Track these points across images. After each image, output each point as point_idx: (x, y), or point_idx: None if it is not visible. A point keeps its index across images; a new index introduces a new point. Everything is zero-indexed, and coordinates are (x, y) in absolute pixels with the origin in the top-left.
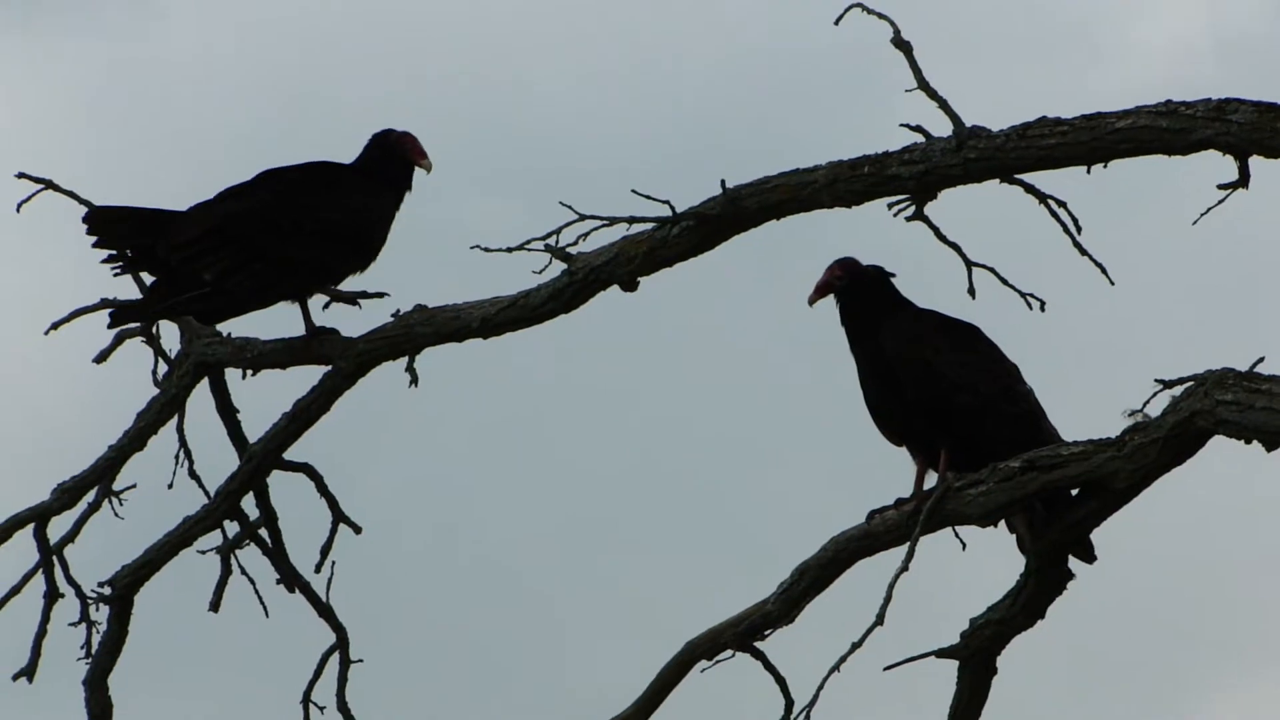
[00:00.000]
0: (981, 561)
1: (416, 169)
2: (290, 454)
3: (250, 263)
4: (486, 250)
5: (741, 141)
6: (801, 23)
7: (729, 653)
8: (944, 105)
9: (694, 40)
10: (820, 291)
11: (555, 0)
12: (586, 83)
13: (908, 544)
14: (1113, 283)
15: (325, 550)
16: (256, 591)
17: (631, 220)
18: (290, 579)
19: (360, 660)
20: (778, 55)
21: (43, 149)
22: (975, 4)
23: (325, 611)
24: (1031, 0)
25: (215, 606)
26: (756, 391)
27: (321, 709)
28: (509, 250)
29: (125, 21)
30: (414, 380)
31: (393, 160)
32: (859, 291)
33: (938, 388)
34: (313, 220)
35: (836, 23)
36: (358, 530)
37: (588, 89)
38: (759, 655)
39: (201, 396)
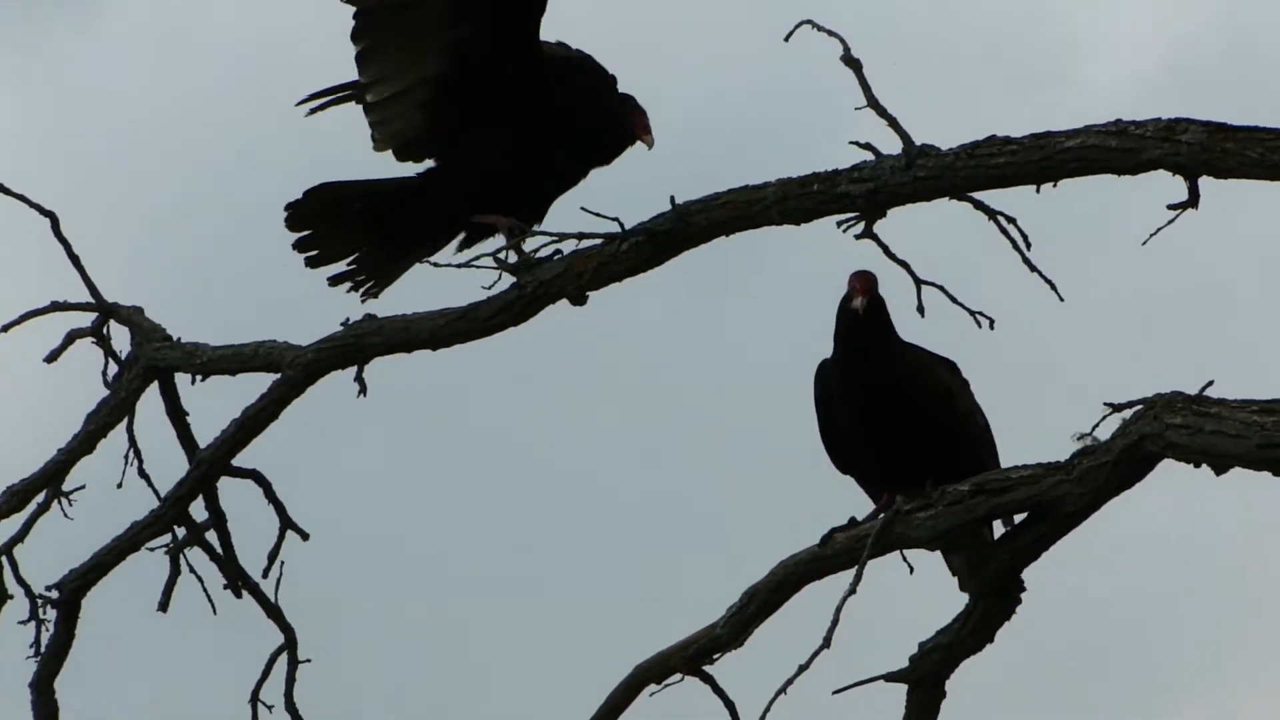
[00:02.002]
0: (930, 585)
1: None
2: (239, 460)
3: None
4: (436, 265)
5: (691, 158)
6: (751, 40)
7: (678, 676)
8: (893, 123)
9: (642, 57)
10: (871, 302)
11: None
12: None
13: (856, 567)
14: (1062, 299)
15: (273, 555)
16: (205, 590)
17: (580, 236)
18: (238, 583)
19: (308, 660)
20: (727, 72)
21: None
22: (928, 31)
23: (273, 612)
24: (985, 29)
25: (164, 606)
26: (706, 410)
27: (270, 708)
28: (459, 265)
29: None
30: (362, 390)
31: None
32: (876, 310)
33: (953, 415)
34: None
35: (786, 39)
36: (305, 536)
37: None
38: (708, 679)
39: (152, 397)
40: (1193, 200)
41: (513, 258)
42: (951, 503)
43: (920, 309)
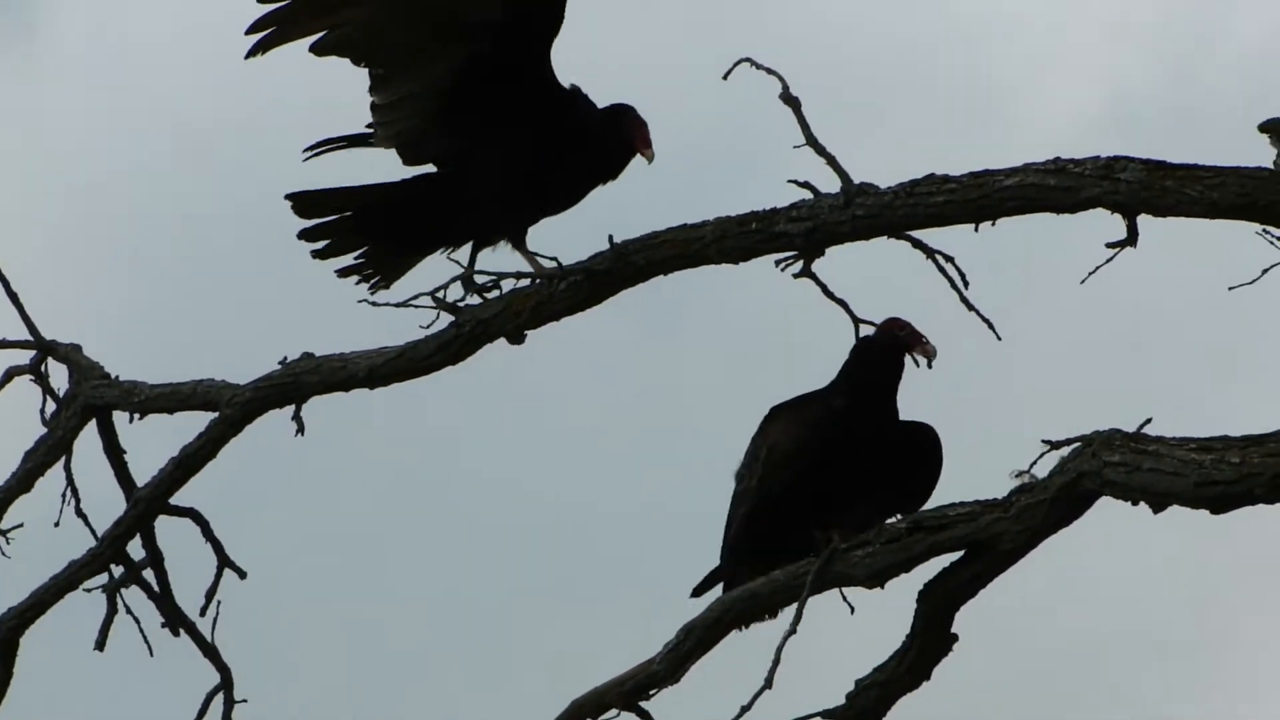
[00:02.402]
0: (868, 623)
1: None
2: (177, 498)
3: None
4: (375, 304)
5: (629, 197)
6: (690, 78)
7: (615, 712)
8: (832, 162)
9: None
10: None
11: None
12: None
13: (796, 605)
14: (1000, 338)
15: (210, 594)
16: (142, 630)
17: (519, 275)
18: (175, 622)
19: (244, 700)
20: (666, 110)
21: None
22: (867, 70)
23: (210, 651)
24: (925, 68)
25: (101, 645)
26: (644, 446)
27: None
28: (397, 305)
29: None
30: (300, 429)
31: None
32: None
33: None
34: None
35: (725, 77)
36: (243, 575)
37: None
38: (644, 715)
39: (90, 436)
40: (1131, 239)
41: (450, 296)
42: (889, 540)
43: None
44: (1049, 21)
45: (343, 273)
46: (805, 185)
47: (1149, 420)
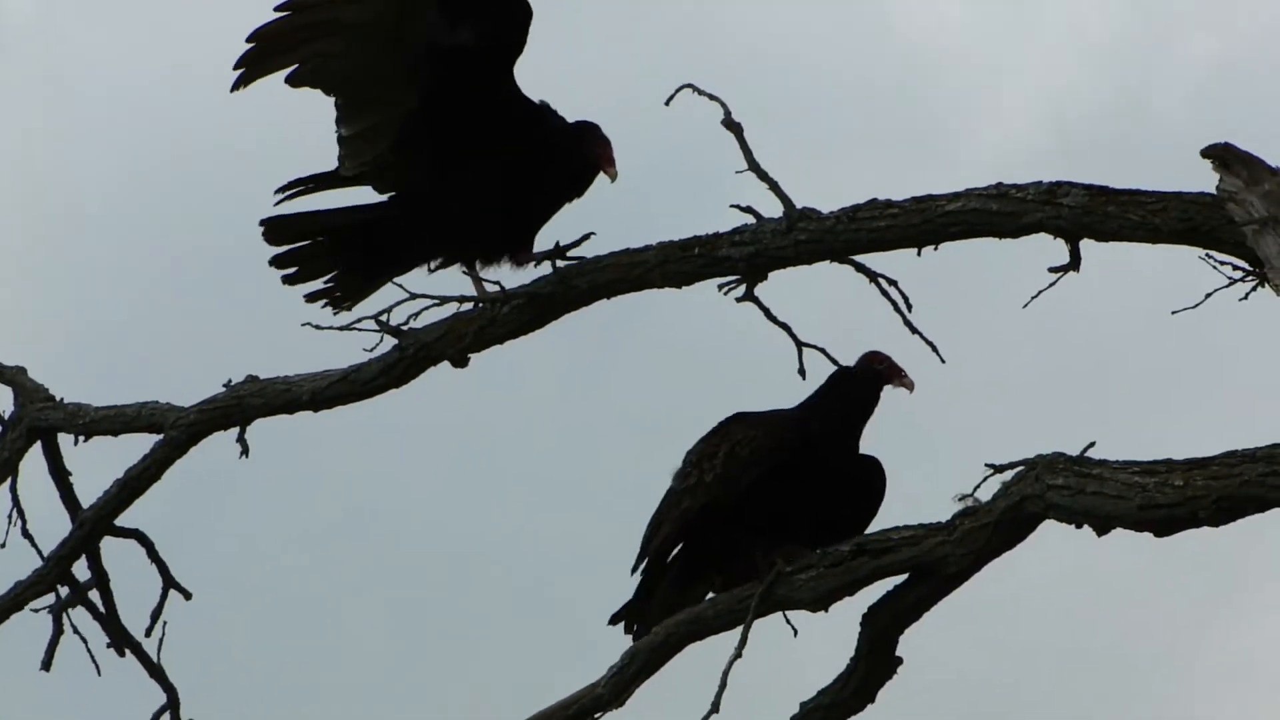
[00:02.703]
0: (813, 646)
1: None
2: (122, 519)
3: None
4: (319, 328)
5: (572, 221)
6: (633, 103)
7: None
8: (774, 187)
9: None
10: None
11: None
12: None
13: (741, 629)
14: (944, 361)
15: (155, 615)
16: (88, 650)
17: (462, 299)
18: (121, 643)
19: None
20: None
21: None
22: (813, 96)
23: (156, 672)
24: (870, 94)
25: (47, 665)
26: (588, 467)
27: None
28: (341, 328)
29: None
30: (245, 451)
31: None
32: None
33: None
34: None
35: (667, 103)
36: (188, 596)
37: None
38: None
39: (35, 458)
40: (1074, 263)
41: (394, 320)
42: (833, 564)
43: (801, 371)
44: (993, 48)
45: (311, 297)
46: (748, 210)
47: (1093, 444)
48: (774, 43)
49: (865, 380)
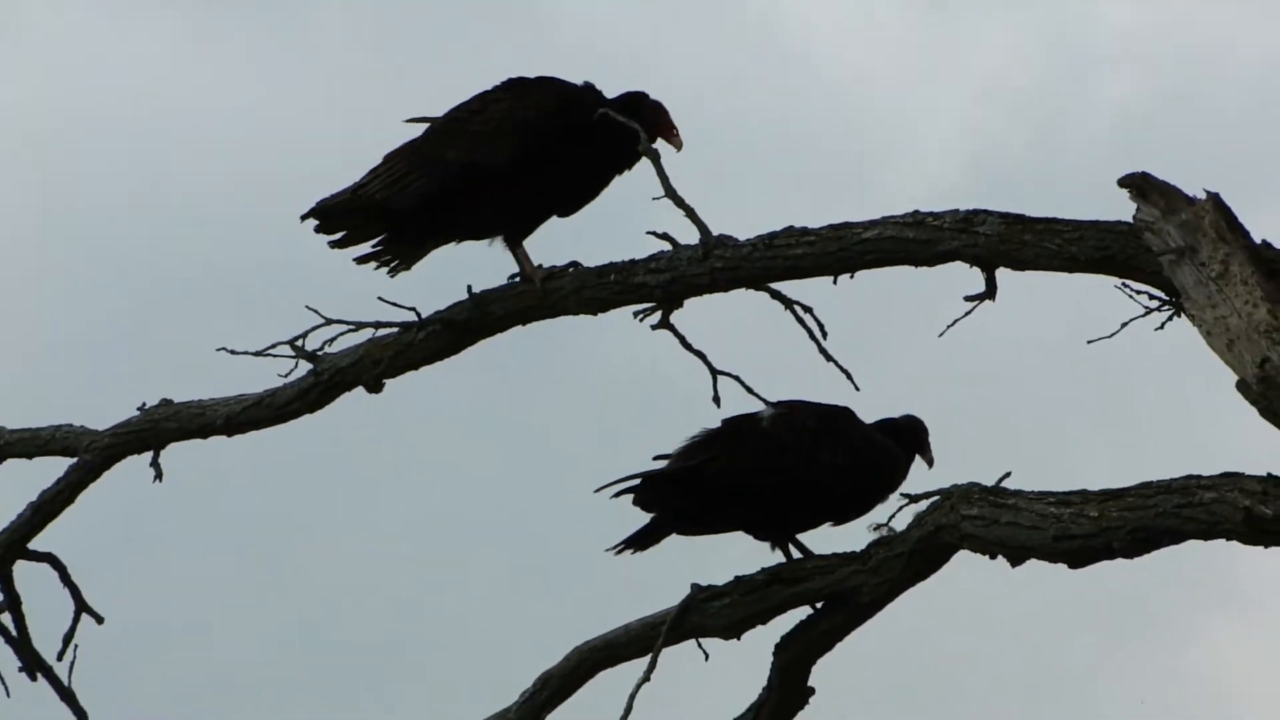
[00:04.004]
0: (725, 674)
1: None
2: (35, 543)
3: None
4: (233, 353)
5: (488, 247)
6: None
7: None
8: (691, 214)
9: None
10: None
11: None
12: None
13: (651, 654)
14: (858, 389)
15: (68, 639)
16: None
17: (378, 325)
18: (33, 666)
19: None
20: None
21: None
22: (734, 130)
23: (67, 695)
24: (795, 130)
25: None
26: (501, 495)
27: None
28: (256, 354)
29: None
30: (158, 475)
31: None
32: None
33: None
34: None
35: (593, 121)
36: (100, 620)
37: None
38: None
39: None
40: (990, 292)
41: (310, 345)
42: (747, 591)
43: (716, 399)
44: (913, 89)
45: (361, 260)
46: (664, 237)
47: (1008, 474)
48: (695, 77)
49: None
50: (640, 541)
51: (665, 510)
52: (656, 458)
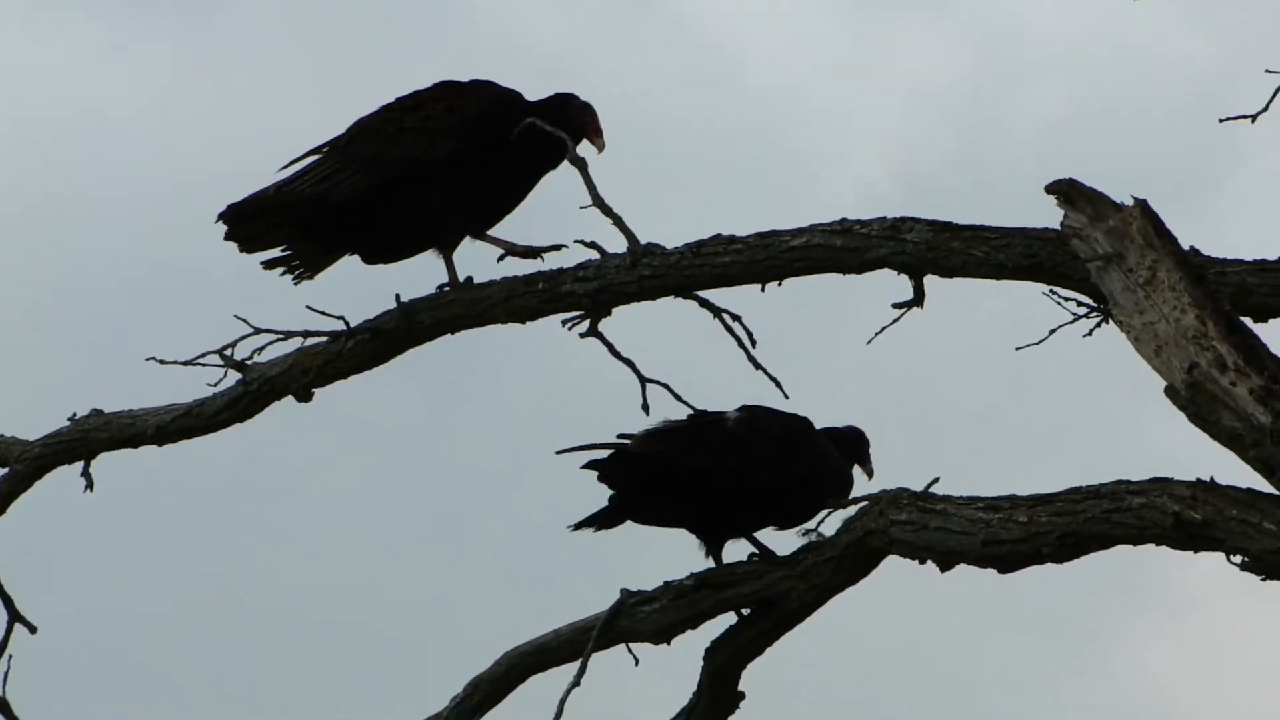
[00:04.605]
0: (655, 678)
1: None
2: None
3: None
4: (162, 362)
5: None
6: None
7: None
8: (618, 221)
9: None
10: None
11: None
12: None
13: (580, 660)
14: (787, 396)
15: (0, 649)
16: None
17: (307, 334)
18: None
19: None
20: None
21: None
22: (662, 139)
23: (2, 705)
24: (722, 139)
25: None
26: (431, 501)
27: None
28: (185, 363)
29: None
30: (89, 485)
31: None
32: None
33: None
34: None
35: (512, 138)
36: (33, 630)
37: None
38: None
39: None
40: (918, 299)
41: (239, 355)
42: (676, 597)
43: (645, 407)
44: (841, 97)
45: (268, 265)
46: (592, 245)
47: (937, 479)
48: (623, 83)
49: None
50: (600, 522)
51: (624, 489)
52: (620, 436)
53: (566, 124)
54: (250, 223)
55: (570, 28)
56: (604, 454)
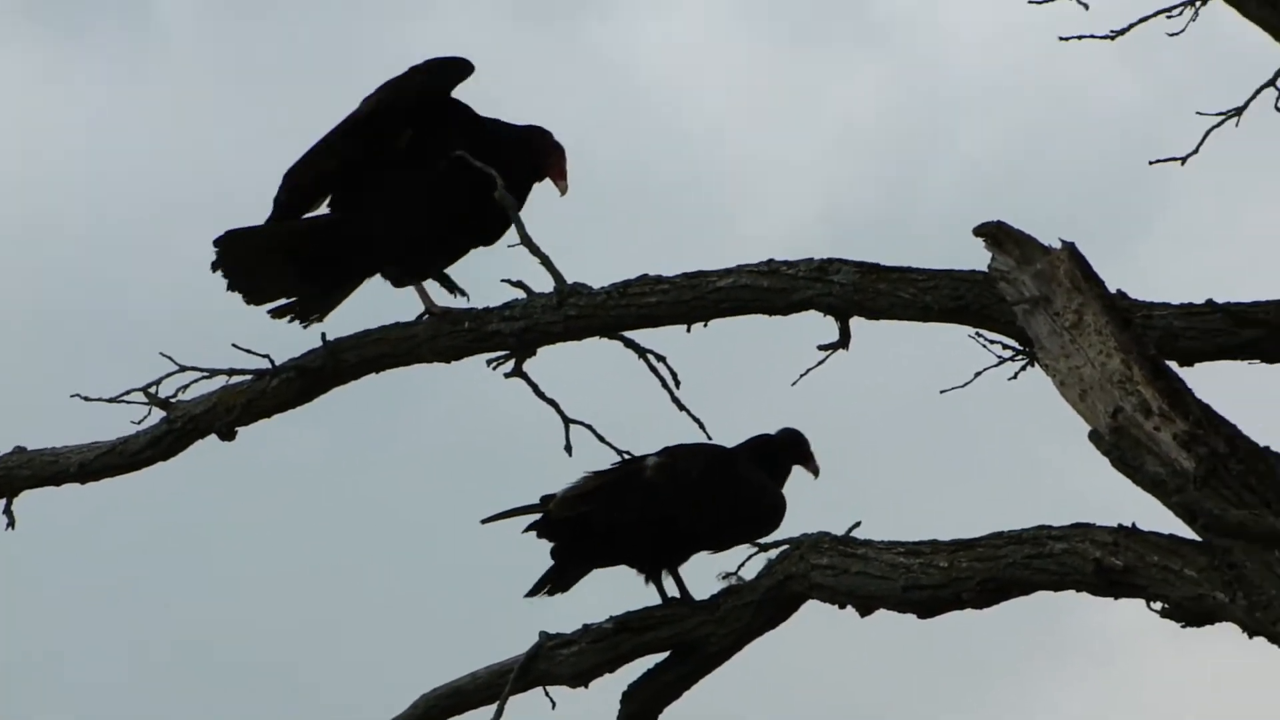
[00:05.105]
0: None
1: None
2: None
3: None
4: (86, 399)
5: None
6: None
7: None
8: (546, 261)
9: None
10: None
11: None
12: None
13: (497, 703)
14: (710, 438)
15: None
16: None
17: (231, 372)
18: None
19: None
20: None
21: None
22: (589, 178)
23: None
24: (649, 182)
25: None
26: (353, 542)
27: None
28: (109, 400)
29: None
30: (11, 523)
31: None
32: None
33: None
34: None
35: (440, 168)
36: None
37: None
38: None
39: None
40: (844, 341)
41: (163, 392)
42: (594, 640)
43: (568, 447)
44: (768, 135)
45: (276, 313)
46: (519, 284)
47: (858, 523)
48: (547, 122)
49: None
50: (552, 583)
51: (556, 548)
52: (544, 497)
53: (533, 159)
54: (246, 254)
55: (493, 64)
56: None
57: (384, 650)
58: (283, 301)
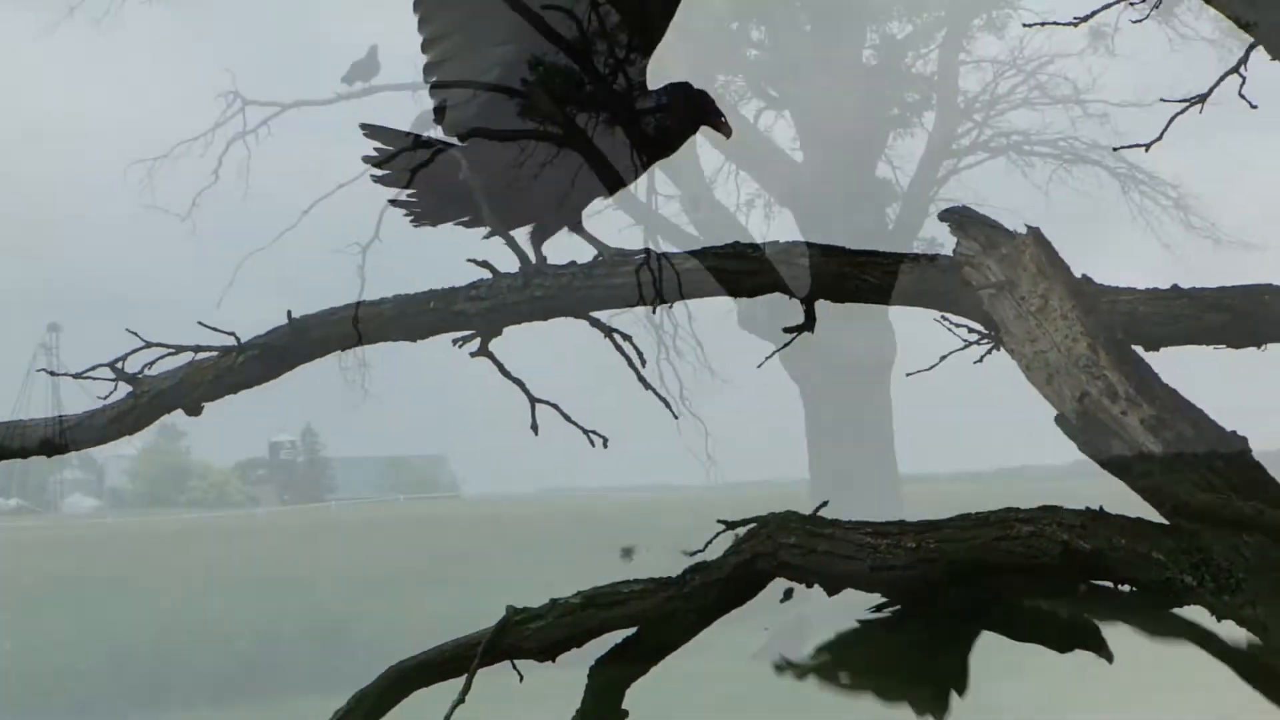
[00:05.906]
0: (540, 696)
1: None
2: None
3: None
4: (52, 374)
5: (308, 273)
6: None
7: None
8: (511, 243)
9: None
10: None
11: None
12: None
13: (466, 676)
14: (676, 416)
15: None
16: None
17: (198, 349)
18: None
19: None
20: (360, 187)
21: None
22: None
23: None
24: None
25: None
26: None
27: None
28: (75, 376)
29: None
30: None
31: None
32: None
33: None
34: None
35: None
36: None
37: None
38: None
39: None
40: (809, 324)
41: (130, 368)
42: (562, 615)
43: (534, 427)
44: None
45: (394, 202)
46: (484, 264)
47: (825, 503)
48: None
49: None
50: None
51: None
52: None
53: (691, 111)
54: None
55: None
56: None
57: (357, 622)
58: (403, 196)
